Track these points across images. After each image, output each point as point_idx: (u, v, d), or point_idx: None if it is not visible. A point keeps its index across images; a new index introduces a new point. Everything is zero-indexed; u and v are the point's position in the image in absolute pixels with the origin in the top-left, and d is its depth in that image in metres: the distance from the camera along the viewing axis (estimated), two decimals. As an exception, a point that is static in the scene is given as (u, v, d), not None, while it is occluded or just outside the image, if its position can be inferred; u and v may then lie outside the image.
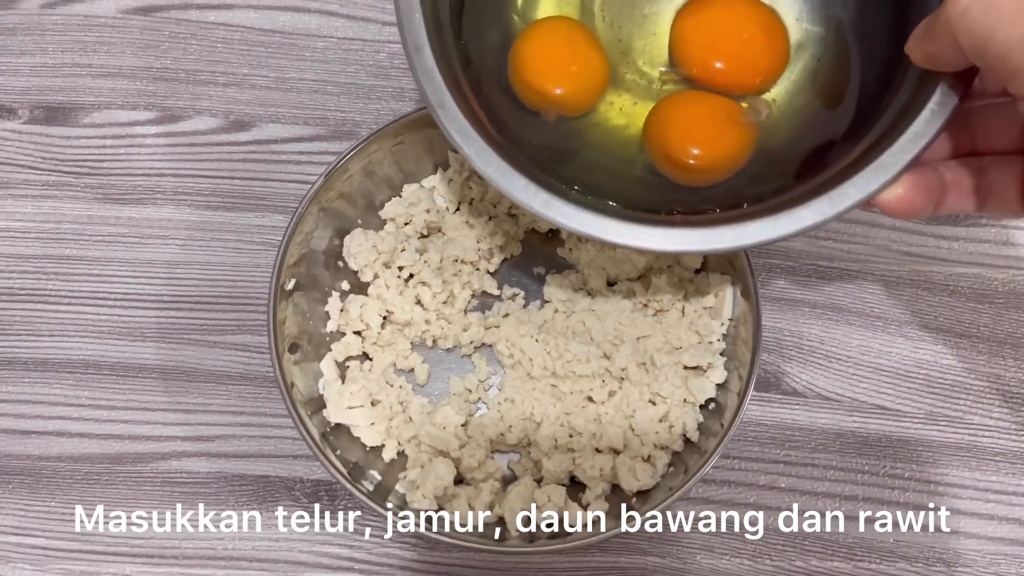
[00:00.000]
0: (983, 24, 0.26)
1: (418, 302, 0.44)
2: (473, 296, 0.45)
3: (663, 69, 0.39)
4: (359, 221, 0.46)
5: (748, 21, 0.38)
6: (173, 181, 0.50)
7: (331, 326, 0.45)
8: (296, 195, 0.49)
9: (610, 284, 0.45)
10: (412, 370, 0.45)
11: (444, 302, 0.45)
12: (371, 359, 0.44)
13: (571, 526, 0.40)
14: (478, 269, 0.45)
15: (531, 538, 0.40)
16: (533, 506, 0.41)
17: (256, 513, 0.44)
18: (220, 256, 0.48)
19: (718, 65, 0.38)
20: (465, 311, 0.45)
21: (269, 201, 0.49)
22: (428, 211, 0.46)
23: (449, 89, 0.34)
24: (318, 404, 0.42)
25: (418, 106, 0.43)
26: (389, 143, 0.44)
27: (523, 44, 0.38)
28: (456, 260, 0.45)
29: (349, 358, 0.44)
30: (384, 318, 0.45)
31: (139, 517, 0.44)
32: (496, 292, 0.45)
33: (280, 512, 0.44)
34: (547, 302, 0.46)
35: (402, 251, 0.45)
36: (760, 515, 0.44)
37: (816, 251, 0.49)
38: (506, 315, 0.45)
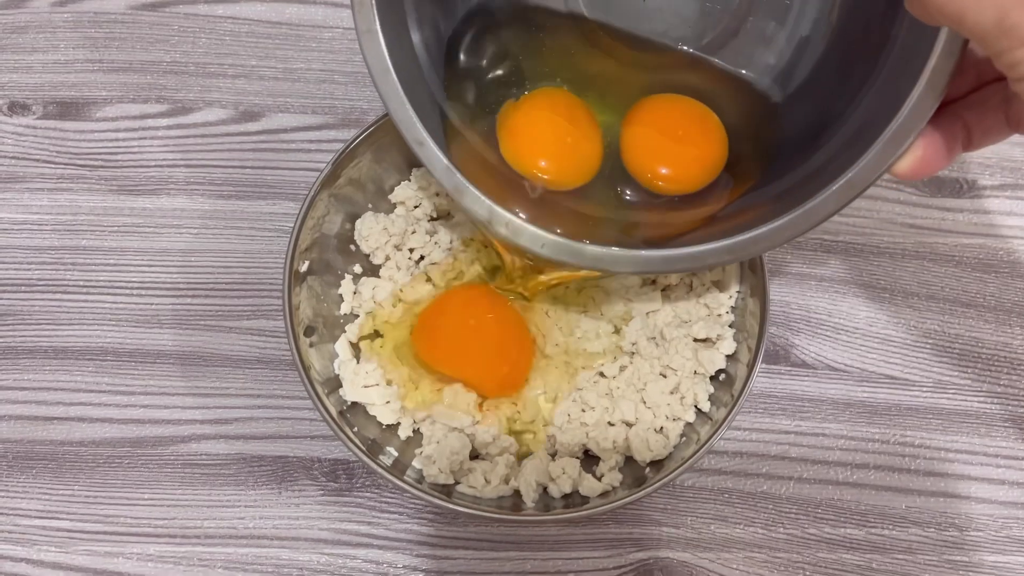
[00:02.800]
0: (951, 7, 0.25)
1: (428, 280, 0.45)
2: (484, 270, 0.46)
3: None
4: (369, 205, 0.47)
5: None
6: (185, 171, 0.50)
7: (345, 308, 0.45)
8: (306, 182, 0.49)
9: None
10: (425, 349, 0.46)
11: (454, 278, 0.45)
12: (383, 337, 0.45)
13: (585, 496, 0.41)
14: (487, 247, 0.46)
15: (546, 509, 0.41)
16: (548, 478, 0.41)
17: (275, 492, 0.44)
18: (233, 244, 0.49)
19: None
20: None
21: (280, 189, 0.50)
22: (437, 194, 0.47)
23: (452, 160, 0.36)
24: (334, 384, 0.43)
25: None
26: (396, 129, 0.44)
27: (512, 118, 0.39)
28: (464, 240, 0.45)
29: (362, 338, 0.45)
30: (397, 299, 0.45)
31: (161, 498, 0.44)
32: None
33: (299, 491, 0.44)
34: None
35: (412, 233, 0.46)
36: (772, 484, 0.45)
37: (821, 225, 0.50)
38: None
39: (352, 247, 0.46)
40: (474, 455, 0.43)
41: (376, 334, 0.45)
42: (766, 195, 0.36)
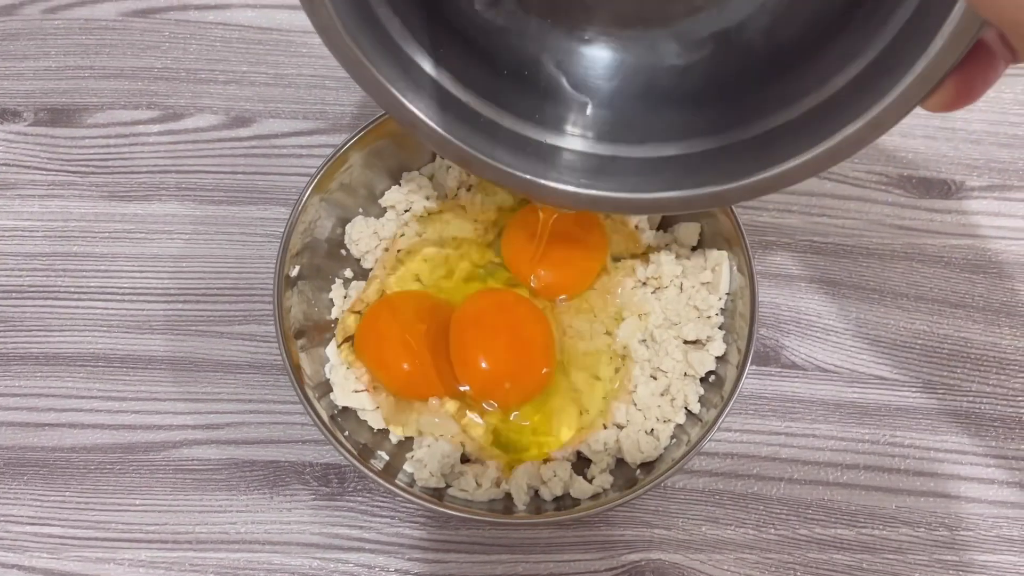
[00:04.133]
0: None
1: (417, 279, 0.45)
2: (474, 267, 0.46)
3: None
4: (360, 210, 0.47)
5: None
6: (177, 177, 0.51)
7: (335, 313, 0.45)
8: (297, 187, 0.49)
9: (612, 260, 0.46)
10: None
11: (442, 276, 0.45)
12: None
13: (576, 499, 0.41)
14: (476, 243, 0.46)
15: (537, 511, 0.41)
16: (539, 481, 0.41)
17: (267, 497, 0.44)
18: (225, 249, 0.49)
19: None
20: (465, 286, 0.46)
21: (271, 194, 0.50)
22: (428, 198, 0.47)
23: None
24: (325, 389, 0.43)
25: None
26: (387, 133, 0.45)
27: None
28: (454, 238, 0.46)
29: (348, 338, 0.45)
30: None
31: (152, 504, 0.44)
32: (497, 260, 0.46)
33: (290, 495, 0.44)
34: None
35: (401, 236, 0.46)
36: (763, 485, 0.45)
37: (811, 227, 0.50)
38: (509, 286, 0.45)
39: (343, 251, 0.47)
40: (465, 459, 0.43)
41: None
42: (782, 123, 0.33)
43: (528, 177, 0.35)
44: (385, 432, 0.43)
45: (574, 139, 0.36)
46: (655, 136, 0.36)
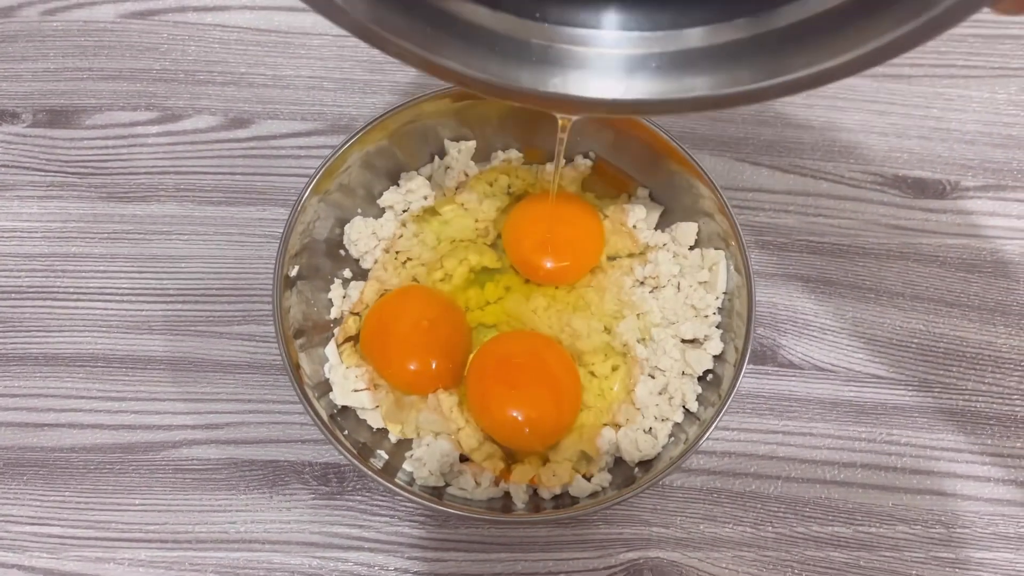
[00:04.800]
0: None
1: (415, 280, 0.45)
2: (471, 271, 0.46)
3: None
4: (359, 210, 0.47)
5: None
6: (175, 178, 0.51)
7: (334, 313, 0.46)
8: (296, 188, 0.50)
9: (609, 259, 0.46)
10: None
11: (440, 279, 0.46)
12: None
13: (575, 497, 0.41)
14: (475, 243, 0.46)
15: (536, 510, 0.41)
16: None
17: (267, 497, 0.44)
18: (224, 249, 0.49)
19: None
20: (464, 287, 0.46)
21: (270, 195, 0.50)
22: (425, 198, 0.47)
23: None
24: (324, 388, 0.43)
25: (410, 99, 0.44)
26: (385, 134, 0.45)
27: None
28: (453, 241, 0.46)
29: (348, 339, 0.45)
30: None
31: (152, 503, 0.44)
32: (497, 265, 0.46)
33: (290, 495, 0.44)
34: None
35: (399, 237, 0.46)
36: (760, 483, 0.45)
37: (807, 227, 0.50)
38: (508, 288, 0.46)
39: (341, 252, 0.47)
40: (464, 458, 0.43)
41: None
42: (820, 11, 0.30)
43: (542, 89, 0.29)
44: (384, 431, 0.44)
45: (583, 34, 0.33)
46: (674, 22, 0.32)
